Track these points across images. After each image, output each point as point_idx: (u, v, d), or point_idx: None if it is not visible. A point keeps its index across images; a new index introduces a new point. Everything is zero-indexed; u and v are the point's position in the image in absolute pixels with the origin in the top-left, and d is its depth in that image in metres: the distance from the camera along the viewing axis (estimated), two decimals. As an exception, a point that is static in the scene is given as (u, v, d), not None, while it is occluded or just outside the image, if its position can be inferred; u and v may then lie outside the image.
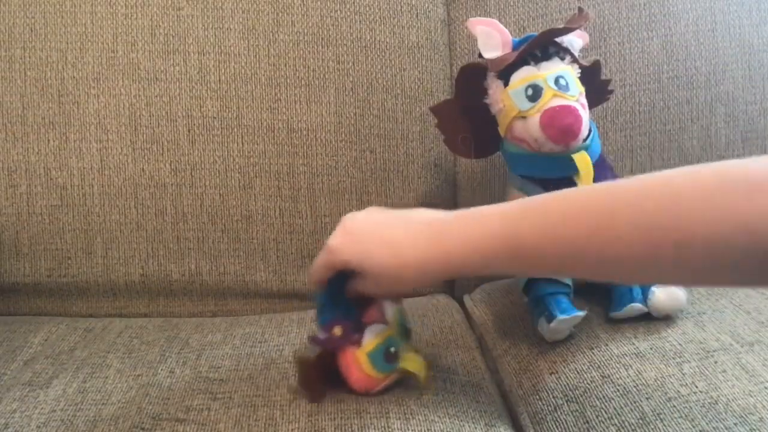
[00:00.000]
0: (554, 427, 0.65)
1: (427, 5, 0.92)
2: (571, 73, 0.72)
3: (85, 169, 0.86)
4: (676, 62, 0.91)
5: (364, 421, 0.61)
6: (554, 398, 0.68)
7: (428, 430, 0.61)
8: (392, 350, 0.63)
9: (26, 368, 0.72)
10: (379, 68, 0.89)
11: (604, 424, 0.63)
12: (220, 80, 0.87)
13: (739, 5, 0.92)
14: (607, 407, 0.64)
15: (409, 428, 0.61)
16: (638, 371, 0.67)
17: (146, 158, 0.86)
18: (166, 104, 0.86)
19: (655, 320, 0.73)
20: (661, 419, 0.61)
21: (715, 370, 0.65)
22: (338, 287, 0.64)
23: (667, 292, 0.71)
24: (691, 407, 0.62)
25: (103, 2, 0.86)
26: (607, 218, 0.49)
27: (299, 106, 0.88)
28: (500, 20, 0.74)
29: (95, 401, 0.66)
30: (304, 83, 0.88)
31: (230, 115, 0.87)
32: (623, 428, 0.61)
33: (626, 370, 0.67)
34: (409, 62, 0.90)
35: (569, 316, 0.70)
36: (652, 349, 0.69)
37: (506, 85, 0.72)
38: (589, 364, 0.69)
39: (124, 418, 0.63)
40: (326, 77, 0.88)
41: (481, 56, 0.74)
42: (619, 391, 0.65)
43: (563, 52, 0.73)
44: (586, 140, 0.72)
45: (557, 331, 0.72)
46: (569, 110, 0.69)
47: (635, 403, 0.63)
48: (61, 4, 0.86)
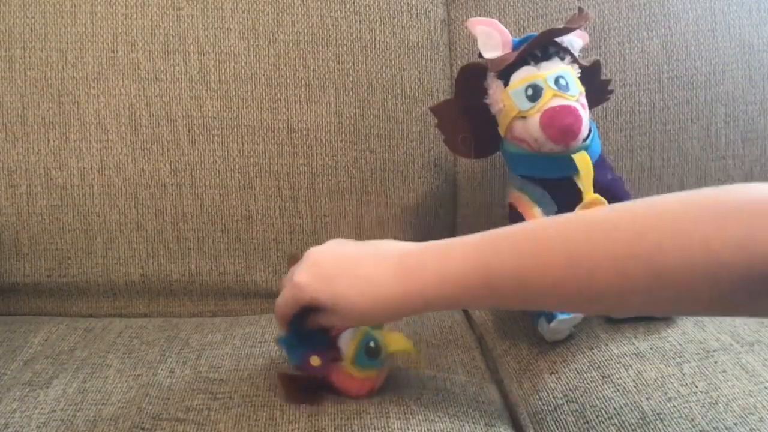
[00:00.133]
0: (554, 427, 0.65)
1: (427, 5, 0.92)
2: (571, 73, 0.72)
3: (85, 169, 0.86)
4: (676, 62, 0.91)
5: (364, 421, 0.61)
6: (554, 398, 0.68)
7: (428, 430, 0.61)
8: (372, 345, 0.63)
9: (26, 368, 0.72)
10: (379, 68, 0.89)
11: (604, 424, 0.63)
12: (220, 80, 0.87)
13: (739, 5, 0.92)
14: (607, 407, 0.64)
15: (409, 428, 0.61)
16: (638, 371, 0.67)
17: (146, 158, 0.86)
18: (166, 104, 0.86)
19: (655, 320, 0.73)
20: (661, 419, 0.61)
21: (715, 370, 0.65)
22: (300, 321, 0.62)
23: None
24: (691, 407, 0.62)
25: (103, 2, 0.86)
26: (582, 251, 0.49)
27: (299, 106, 0.88)
28: (500, 20, 0.74)
29: (95, 401, 0.66)
30: (304, 83, 0.88)
31: (230, 115, 0.87)
32: (623, 428, 0.61)
33: (626, 370, 0.67)
34: (409, 62, 0.90)
35: (569, 316, 0.70)
36: (652, 349, 0.69)
37: (506, 85, 0.72)
38: (589, 364, 0.69)
39: (124, 418, 0.63)
40: (326, 77, 0.88)
41: (481, 56, 0.74)
42: (619, 391, 0.65)
43: (563, 52, 0.73)
44: (586, 140, 0.72)
45: (557, 331, 0.72)
46: (569, 110, 0.69)
47: (635, 403, 0.63)
48: (61, 4, 0.86)
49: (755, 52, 0.92)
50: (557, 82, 0.70)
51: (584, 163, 0.71)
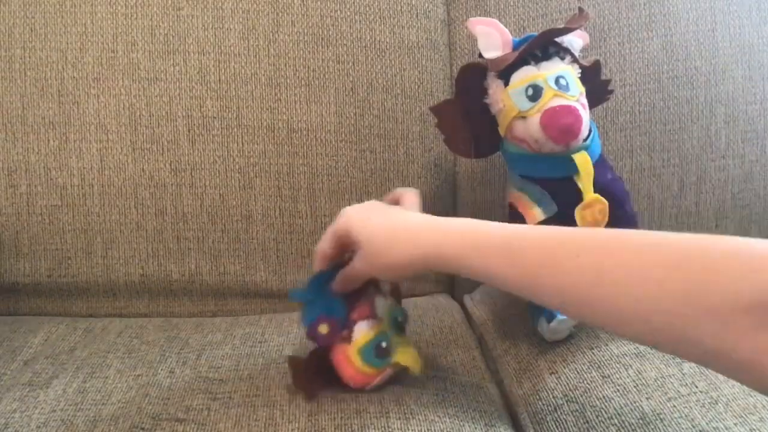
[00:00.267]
0: (554, 427, 0.65)
1: (427, 5, 0.92)
2: (571, 73, 0.72)
3: (85, 169, 0.86)
4: (676, 62, 0.91)
5: (364, 420, 0.61)
6: (554, 398, 0.68)
7: (428, 430, 0.61)
8: (383, 345, 0.63)
9: (26, 368, 0.72)
10: (379, 68, 0.89)
11: (604, 424, 0.63)
12: (220, 80, 0.87)
13: (739, 5, 0.92)
14: (607, 407, 0.64)
15: (409, 428, 0.61)
16: (638, 371, 0.67)
17: (146, 158, 0.86)
18: (166, 104, 0.86)
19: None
20: (661, 419, 0.61)
21: (715, 370, 0.65)
22: (323, 286, 0.65)
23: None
24: (691, 407, 0.62)
25: (103, 2, 0.86)
26: (613, 258, 0.49)
27: (299, 106, 0.88)
28: (500, 20, 0.74)
29: (95, 401, 0.66)
30: (304, 83, 0.88)
31: (230, 115, 0.87)
32: (623, 428, 0.61)
33: (626, 370, 0.67)
34: (409, 62, 0.90)
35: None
36: (652, 349, 0.69)
37: (506, 85, 0.72)
38: (589, 364, 0.69)
39: (124, 418, 0.63)
40: (326, 77, 0.88)
41: (481, 56, 0.74)
42: (619, 391, 0.65)
43: (563, 52, 0.73)
44: (586, 140, 0.72)
45: (557, 331, 0.72)
46: (569, 110, 0.69)
47: (635, 403, 0.63)
48: (61, 4, 0.86)
49: (755, 52, 0.92)
50: (557, 82, 0.70)
51: (584, 163, 0.71)
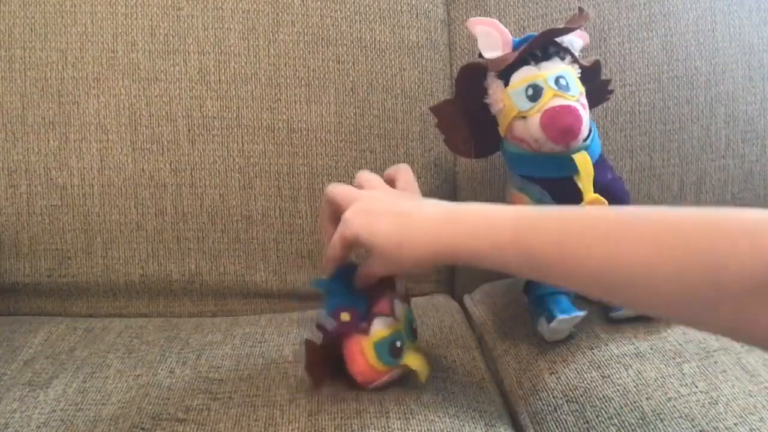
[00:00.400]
0: (554, 427, 0.65)
1: (427, 5, 0.92)
2: (571, 73, 0.72)
3: (85, 169, 0.86)
4: (676, 62, 0.90)
5: (364, 420, 0.61)
6: (554, 398, 0.68)
7: (428, 430, 0.61)
8: (398, 344, 0.63)
9: (26, 368, 0.72)
10: (379, 68, 0.89)
11: (604, 424, 0.63)
12: (220, 80, 0.87)
13: (739, 5, 0.92)
14: (607, 407, 0.64)
15: (409, 428, 0.61)
16: (638, 371, 0.67)
17: (146, 158, 0.86)
18: (166, 104, 0.86)
19: (655, 320, 0.73)
20: (661, 419, 0.61)
21: (715, 370, 0.65)
22: (347, 279, 0.66)
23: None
24: (691, 407, 0.62)
25: (103, 2, 0.86)
26: (627, 245, 0.48)
27: (299, 106, 0.88)
28: (500, 20, 0.74)
29: (95, 401, 0.66)
30: (304, 83, 0.88)
31: (230, 115, 0.87)
32: (623, 428, 0.61)
33: (626, 370, 0.67)
34: (409, 62, 0.90)
35: (569, 316, 0.70)
36: (652, 349, 0.69)
37: (506, 85, 0.72)
38: (589, 364, 0.69)
39: (124, 418, 0.63)
40: (326, 77, 0.88)
41: (481, 56, 0.74)
42: (619, 391, 0.65)
43: (563, 52, 0.73)
44: (586, 140, 0.72)
45: (557, 331, 0.72)
46: (569, 110, 0.69)
47: (635, 403, 0.63)
48: (61, 4, 0.86)
49: (755, 52, 0.92)
50: (557, 82, 0.70)
51: (584, 163, 0.71)
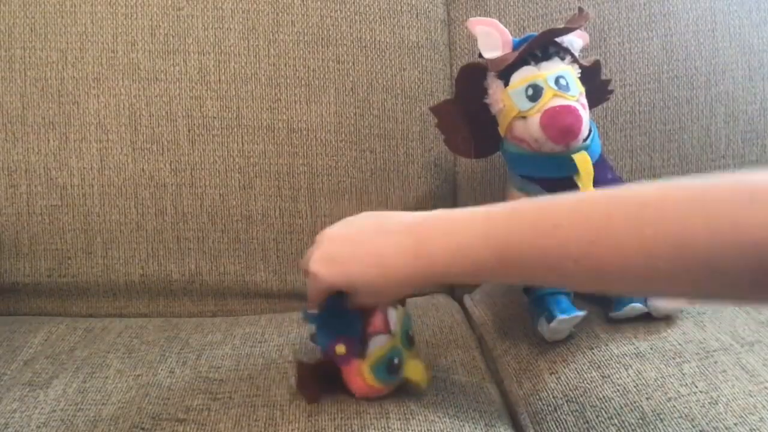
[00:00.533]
0: (554, 427, 0.65)
1: (427, 5, 0.92)
2: (571, 73, 0.72)
3: (85, 169, 0.86)
4: (676, 62, 0.91)
5: (364, 421, 0.61)
6: (554, 398, 0.68)
7: (428, 430, 0.61)
8: (395, 362, 0.62)
9: (26, 368, 0.72)
10: (379, 68, 0.89)
11: (604, 424, 0.63)
12: (220, 80, 0.87)
13: (739, 5, 0.92)
14: (607, 407, 0.64)
15: (409, 428, 0.61)
16: (638, 371, 0.67)
17: (146, 158, 0.86)
18: (166, 104, 0.86)
19: (655, 320, 0.73)
20: (661, 419, 0.61)
21: (715, 370, 0.65)
22: (336, 304, 0.62)
23: (667, 292, 0.71)
24: (691, 407, 0.62)
25: (103, 2, 0.86)
26: (603, 230, 0.47)
27: (299, 106, 0.88)
28: (500, 20, 0.74)
29: (95, 401, 0.66)
30: (304, 83, 0.88)
31: (230, 115, 0.87)
32: (623, 428, 0.61)
33: (626, 370, 0.67)
34: (409, 62, 0.90)
35: (569, 316, 0.70)
36: (652, 349, 0.69)
37: (506, 85, 0.72)
38: (589, 364, 0.69)
39: (124, 418, 0.63)
40: (326, 77, 0.88)
41: (481, 56, 0.74)
42: (619, 391, 0.65)
43: (563, 52, 0.73)
44: (586, 140, 0.72)
45: (557, 331, 0.72)
46: (569, 110, 0.69)
47: (635, 403, 0.63)
48: (61, 4, 0.86)
49: (755, 52, 0.92)
50: (557, 82, 0.70)
51: (584, 163, 0.71)
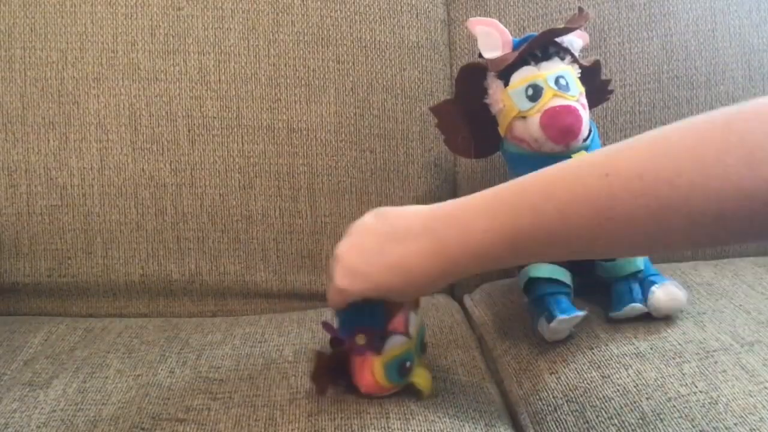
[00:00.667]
0: (554, 427, 0.65)
1: (427, 5, 0.92)
2: (571, 73, 0.72)
3: (85, 169, 0.86)
4: (676, 62, 0.91)
5: (364, 421, 0.61)
6: (554, 398, 0.68)
7: (428, 430, 0.61)
8: (408, 364, 0.63)
9: (26, 368, 0.72)
10: (379, 68, 0.89)
11: (604, 424, 0.63)
12: (220, 80, 0.87)
13: (739, 5, 0.92)
14: (607, 407, 0.64)
15: (409, 428, 0.61)
16: (638, 371, 0.67)
17: (146, 158, 0.86)
18: (166, 104, 0.86)
19: (655, 320, 0.73)
20: (661, 419, 0.61)
21: (715, 370, 0.65)
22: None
23: (666, 292, 0.71)
24: (691, 407, 0.62)
25: (103, 2, 0.86)
26: (607, 206, 0.49)
27: (299, 106, 0.88)
28: (500, 20, 0.74)
29: (95, 401, 0.66)
30: (304, 83, 0.88)
31: (230, 115, 0.87)
32: (623, 428, 0.61)
33: (626, 370, 0.67)
34: (409, 62, 0.90)
35: (569, 316, 0.70)
36: (652, 349, 0.69)
37: (506, 85, 0.72)
38: (589, 364, 0.69)
39: (124, 418, 0.63)
40: (326, 77, 0.88)
41: (481, 56, 0.74)
42: (619, 391, 0.65)
43: (563, 52, 0.73)
44: (586, 140, 0.72)
45: (557, 331, 0.72)
46: (569, 110, 0.69)
47: (635, 403, 0.63)
48: (61, 4, 0.86)
49: (755, 52, 0.92)
50: (557, 82, 0.70)
51: (584, 163, 0.71)
